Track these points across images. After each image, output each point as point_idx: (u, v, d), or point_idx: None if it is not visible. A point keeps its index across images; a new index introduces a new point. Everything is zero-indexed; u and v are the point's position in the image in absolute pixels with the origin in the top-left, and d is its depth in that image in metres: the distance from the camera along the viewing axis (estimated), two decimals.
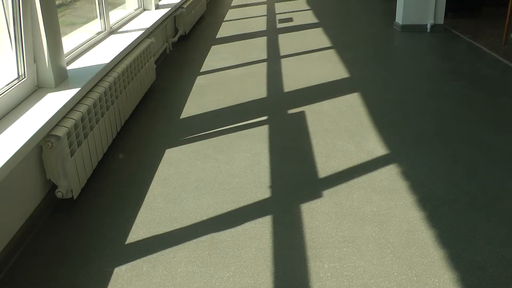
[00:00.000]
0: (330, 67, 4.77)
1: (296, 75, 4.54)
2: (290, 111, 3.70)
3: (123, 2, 4.99)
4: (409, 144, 3.14)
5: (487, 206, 2.44)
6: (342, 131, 3.33)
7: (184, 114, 3.71)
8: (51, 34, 2.71)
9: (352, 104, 3.81)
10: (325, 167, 2.85)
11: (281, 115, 3.66)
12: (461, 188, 2.61)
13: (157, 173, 2.84)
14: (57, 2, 2.83)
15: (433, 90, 4.14)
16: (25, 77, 2.62)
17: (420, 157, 2.96)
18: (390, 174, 2.75)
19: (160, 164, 2.94)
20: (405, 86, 4.27)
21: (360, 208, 2.44)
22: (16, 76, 2.60)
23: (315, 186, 2.67)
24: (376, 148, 3.07)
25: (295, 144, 3.17)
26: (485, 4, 7.38)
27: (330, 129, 3.37)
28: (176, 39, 5.76)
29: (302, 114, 3.61)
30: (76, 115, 2.60)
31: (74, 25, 3.98)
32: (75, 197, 2.52)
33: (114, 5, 4.71)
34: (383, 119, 3.53)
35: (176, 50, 5.62)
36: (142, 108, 3.82)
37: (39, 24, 2.63)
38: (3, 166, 1.92)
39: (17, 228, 2.25)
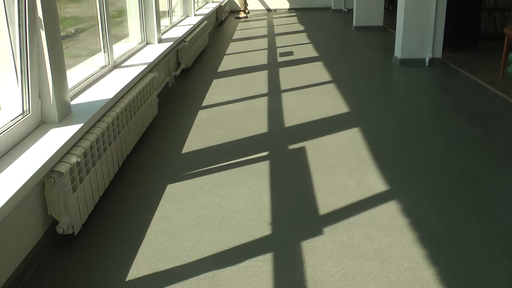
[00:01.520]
0: (331, 102, 4.81)
1: (297, 110, 4.58)
2: (291, 147, 3.73)
3: (126, 34, 5.07)
4: (409, 179, 3.16)
5: (488, 244, 2.44)
6: (343, 167, 3.35)
7: (186, 149, 3.73)
8: (57, 69, 2.76)
9: (352, 139, 3.84)
10: (325, 203, 2.86)
11: (282, 150, 3.69)
12: (461, 225, 2.61)
13: (158, 209, 2.85)
14: (61, 34, 2.88)
15: (433, 125, 4.18)
16: (29, 113, 2.65)
17: (420, 193, 2.97)
18: (391, 211, 2.76)
19: (161, 199, 2.95)
20: (404, 120, 4.31)
21: (360, 245, 2.44)
22: (21, 111, 2.64)
23: (316, 223, 2.67)
24: (376, 184, 3.09)
25: (296, 180, 3.19)
26: (482, 38, 7.51)
27: (330, 164, 3.39)
28: (178, 72, 5.83)
29: (302, 150, 3.64)
30: (79, 151, 2.62)
31: (78, 57, 4.03)
32: (76, 233, 2.52)
33: (118, 38, 4.78)
34: (383, 154, 3.55)
35: (178, 83, 5.68)
36: (144, 142, 3.85)
37: (44, 59, 2.67)
38: (5, 204, 1.93)
39: (17, 263, 2.25)
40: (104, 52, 3.99)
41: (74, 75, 3.50)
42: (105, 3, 3.86)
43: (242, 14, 12.13)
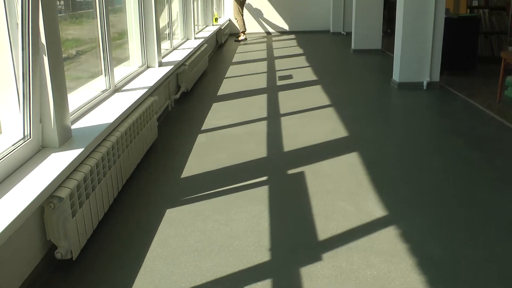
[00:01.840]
0: (330, 125, 4.84)
1: (296, 134, 4.60)
2: (290, 171, 3.74)
3: (127, 57, 5.10)
4: (408, 204, 3.17)
5: (487, 268, 2.44)
6: (342, 192, 3.36)
7: (185, 173, 3.75)
8: (58, 94, 2.78)
9: (351, 163, 3.86)
10: (324, 229, 2.86)
11: (281, 175, 3.70)
12: (460, 249, 2.62)
13: (157, 233, 2.85)
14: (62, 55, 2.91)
15: (431, 148, 4.21)
16: (30, 138, 2.67)
17: (418, 218, 2.98)
18: (390, 236, 2.76)
19: (161, 224, 2.95)
20: (403, 144, 4.33)
21: (360, 271, 2.44)
22: (21, 136, 2.65)
23: (315, 248, 2.67)
24: (375, 208, 3.09)
25: (295, 205, 3.20)
26: (479, 61, 7.58)
27: (329, 189, 3.40)
28: (178, 96, 5.87)
29: (301, 175, 3.65)
30: (79, 176, 2.64)
31: (79, 79, 4.06)
32: (74, 258, 2.52)
33: (118, 60, 4.81)
34: (382, 179, 3.56)
35: (178, 107, 5.71)
36: (143, 166, 3.86)
37: (47, 84, 2.69)
38: (4, 230, 1.93)
39: None
40: (105, 76, 4.02)
41: (75, 99, 3.52)
42: (106, 26, 3.91)
43: (241, 36, 12.24)
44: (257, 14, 13.69)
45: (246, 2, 12.55)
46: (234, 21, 12.79)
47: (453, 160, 3.94)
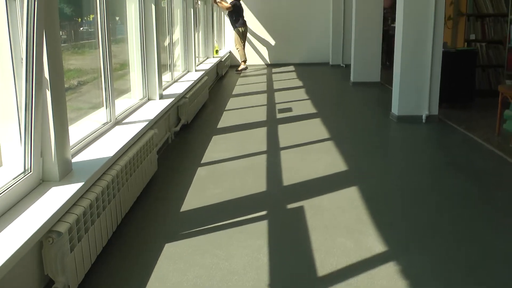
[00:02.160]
0: (329, 160, 4.85)
1: (295, 168, 4.61)
2: (289, 206, 3.74)
3: (128, 88, 5.14)
4: (408, 240, 3.16)
5: None
6: (341, 227, 3.35)
7: (185, 207, 3.74)
8: (60, 128, 2.81)
9: (351, 198, 3.86)
10: (324, 264, 2.85)
11: (280, 210, 3.70)
12: (460, 287, 2.60)
13: (155, 268, 2.83)
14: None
15: (430, 183, 4.22)
16: (31, 171, 2.68)
17: (418, 254, 2.97)
18: (389, 272, 2.75)
19: (159, 259, 2.93)
20: (402, 179, 4.34)
21: None
22: (22, 170, 2.66)
23: (314, 284, 2.66)
24: (375, 244, 3.08)
25: (294, 240, 3.18)
26: (477, 94, 7.65)
27: (329, 224, 3.39)
28: (178, 128, 5.90)
29: (301, 209, 3.64)
30: (78, 210, 2.64)
31: (80, 110, 4.08)
32: None
33: (120, 91, 4.84)
34: (381, 214, 3.56)
35: (178, 139, 5.74)
36: (142, 199, 3.86)
37: (49, 118, 2.72)
38: (3, 264, 1.93)
39: None
40: (106, 108, 4.05)
41: (77, 131, 3.54)
42: (108, 58, 3.95)
43: (242, 66, 12.36)
44: (257, 46, 13.85)
45: (247, 34, 12.71)
46: (235, 51, 12.93)
47: (452, 195, 3.94)
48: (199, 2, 9.46)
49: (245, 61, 12.39)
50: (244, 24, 12.27)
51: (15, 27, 2.58)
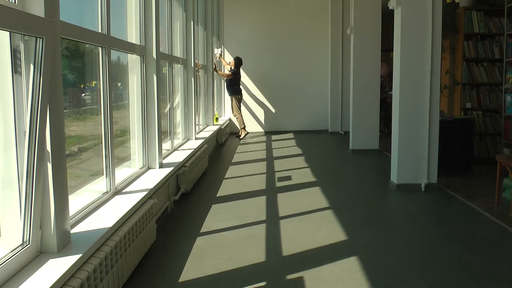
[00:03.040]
0: (328, 229, 4.83)
1: (295, 238, 4.58)
2: (289, 277, 3.69)
3: (129, 156, 5.17)
4: None
5: None
6: None
7: (183, 278, 3.69)
8: (60, 200, 2.83)
9: (350, 270, 3.81)
10: None
11: (280, 281, 3.65)
12: None
13: None
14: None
15: (431, 254, 4.18)
16: (29, 243, 2.68)
17: None
18: None
19: None
20: (402, 250, 4.30)
21: None
22: (20, 242, 2.66)
23: None
24: None
25: None
26: (475, 162, 7.71)
27: None
28: (177, 197, 5.90)
29: (301, 280, 3.60)
30: (76, 283, 2.61)
31: (79, 178, 4.10)
32: None
33: (120, 159, 4.87)
34: (381, 286, 3.51)
35: (177, 208, 5.73)
36: (141, 269, 3.82)
37: (49, 190, 2.75)
38: None
39: None
40: (106, 177, 4.07)
41: (76, 202, 3.55)
42: (110, 127, 4.01)
43: (243, 133, 12.49)
44: (256, 113, 14.05)
45: (243, 98, 12.94)
46: (234, 119, 13.10)
47: (453, 266, 3.90)
48: (200, 71, 9.69)
49: (244, 128, 12.53)
50: (241, 91, 12.51)
51: (20, 101, 2.65)
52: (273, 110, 14.04)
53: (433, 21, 6.32)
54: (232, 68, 12.19)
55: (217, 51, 12.04)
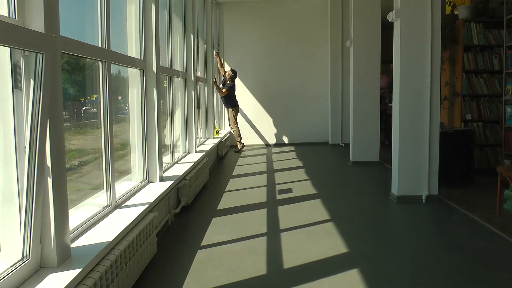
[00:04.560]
0: (329, 242, 4.82)
1: (295, 251, 4.57)
2: None
3: (129, 169, 5.17)
4: None
5: None
6: None
7: None
8: (60, 215, 2.83)
9: (352, 282, 3.80)
10: None
11: None
12: None
13: None
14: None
15: (432, 266, 4.16)
16: (29, 258, 2.67)
17: None
18: None
19: None
20: (403, 261, 4.29)
21: None
22: (20, 257, 2.66)
23: None
24: None
25: None
26: (476, 173, 7.71)
27: None
28: (178, 210, 5.89)
29: None
30: None
31: (80, 191, 4.10)
32: None
33: (120, 172, 4.86)
34: None
35: (178, 221, 5.72)
36: (142, 282, 3.81)
37: (49, 205, 2.75)
38: None
39: None
40: (107, 191, 4.07)
41: (76, 215, 3.55)
42: (110, 141, 4.02)
43: (239, 145, 12.49)
44: (257, 126, 14.05)
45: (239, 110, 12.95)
46: (232, 132, 13.11)
47: (455, 278, 3.89)
48: (200, 83, 9.72)
49: (240, 140, 12.54)
50: (237, 103, 12.50)
51: (20, 116, 2.66)
52: (273, 123, 14.05)
53: (432, 33, 6.35)
54: (228, 82, 12.16)
55: (214, 50, 12.06)
